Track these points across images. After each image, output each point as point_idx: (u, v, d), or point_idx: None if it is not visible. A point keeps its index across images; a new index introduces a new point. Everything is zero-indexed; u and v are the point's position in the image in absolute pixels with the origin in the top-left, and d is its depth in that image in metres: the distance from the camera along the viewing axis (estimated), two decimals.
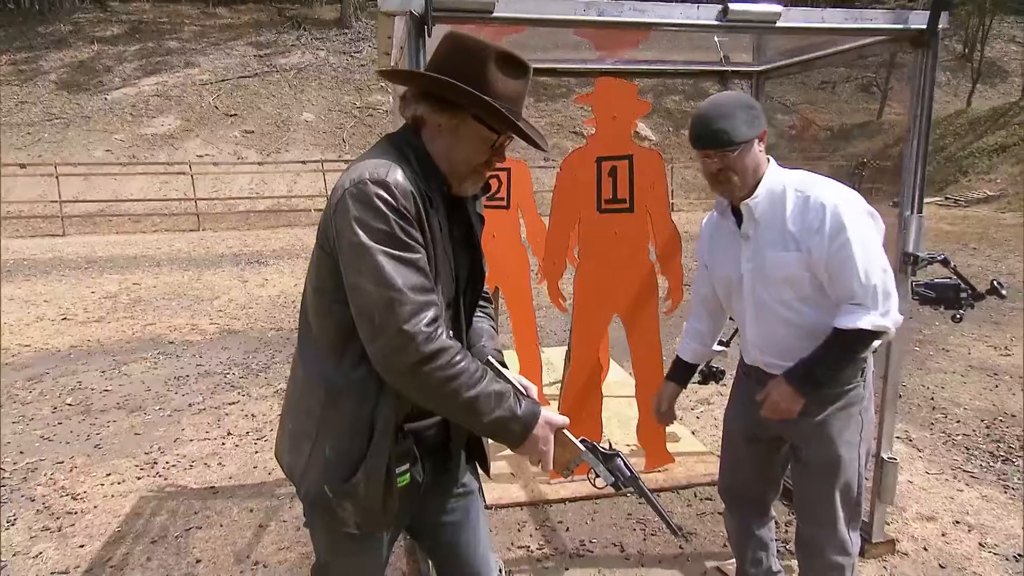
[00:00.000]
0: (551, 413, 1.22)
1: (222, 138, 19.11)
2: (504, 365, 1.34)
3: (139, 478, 3.17)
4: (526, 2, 1.80)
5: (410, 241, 1.07)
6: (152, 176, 16.56)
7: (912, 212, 2.19)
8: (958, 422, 3.76)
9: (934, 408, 3.98)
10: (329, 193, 1.15)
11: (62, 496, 3.01)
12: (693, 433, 3.58)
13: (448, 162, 1.18)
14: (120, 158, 17.48)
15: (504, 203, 3.65)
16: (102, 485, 3.11)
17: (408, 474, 1.23)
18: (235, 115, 20.00)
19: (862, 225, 1.57)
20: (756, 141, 1.61)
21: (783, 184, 1.65)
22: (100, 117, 19.58)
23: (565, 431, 1.23)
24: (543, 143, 1.20)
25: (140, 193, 16.00)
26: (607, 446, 1.31)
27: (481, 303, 1.44)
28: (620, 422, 3.55)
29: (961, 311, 2.09)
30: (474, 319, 1.40)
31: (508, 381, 1.21)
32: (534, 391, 1.27)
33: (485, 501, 1.52)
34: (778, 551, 2.15)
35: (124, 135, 19.04)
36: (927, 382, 4.44)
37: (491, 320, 1.46)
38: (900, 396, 3.84)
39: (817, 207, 1.57)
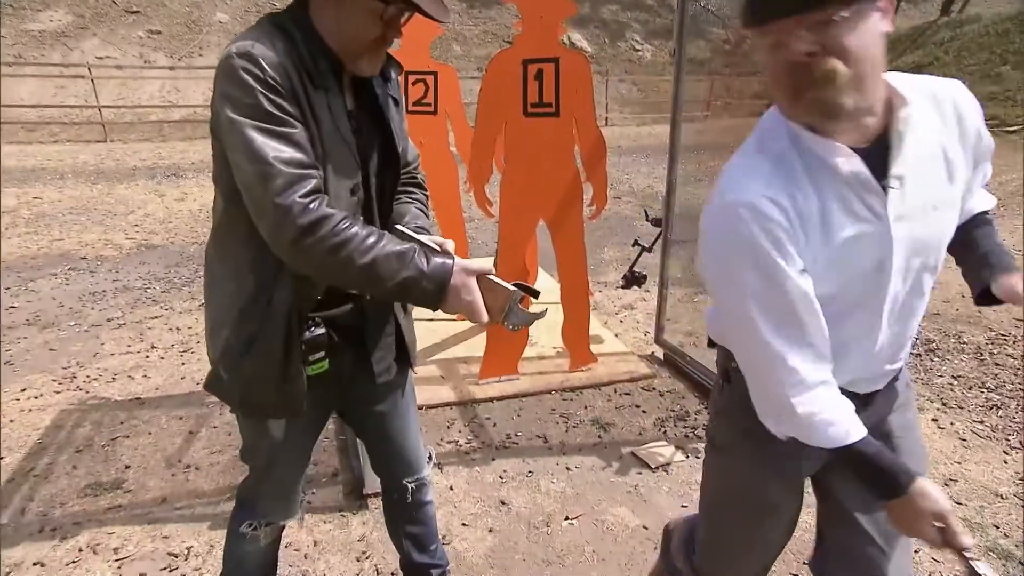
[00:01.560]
0: (468, 260, 1.16)
1: (124, 39, 17.33)
2: (425, 231, 1.29)
3: (58, 392, 3.09)
4: None
5: (280, 114, 1.05)
6: (44, 79, 14.96)
7: None
8: None
9: None
10: None
11: None
12: (616, 336, 3.78)
13: (337, 38, 1.14)
14: (5, 58, 15.65)
15: (431, 109, 3.56)
16: (17, 400, 3.01)
17: (324, 362, 1.26)
18: (137, 12, 18.08)
19: None
20: (876, 5, 0.88)
21: (908, 89, 0.97)
22: None
23: (491, 276, 1.17)
24: (441, 13, 1.15)
25: (32, 99, 14.47)
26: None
27: (410, 188, 1.41)
28: (547, 327, 3.66)
29: None
30: (400, 204, 1.37)
31: (419, 243, 1.17)
32: (451, 246, 1.21)
33: (414, 392, 1.58)
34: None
35: (6, 31, 16.95)
36: None
37: (421, 204, 1.41)
38: None
39: (968, 103, 1.03)
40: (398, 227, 1.23)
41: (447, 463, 2.56)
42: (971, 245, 1.16)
